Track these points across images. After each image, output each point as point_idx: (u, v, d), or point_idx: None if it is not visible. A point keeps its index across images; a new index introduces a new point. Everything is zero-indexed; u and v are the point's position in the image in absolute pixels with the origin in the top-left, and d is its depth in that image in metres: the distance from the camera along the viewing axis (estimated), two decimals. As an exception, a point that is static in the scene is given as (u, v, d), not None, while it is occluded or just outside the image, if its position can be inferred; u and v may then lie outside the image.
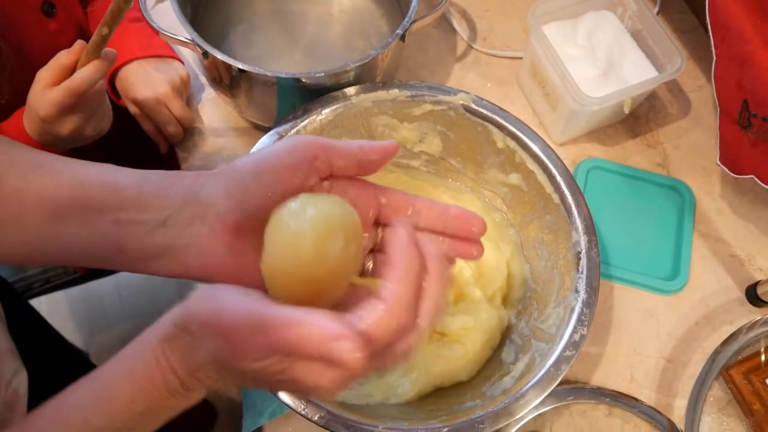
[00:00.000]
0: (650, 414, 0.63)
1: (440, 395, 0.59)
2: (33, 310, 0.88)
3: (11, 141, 0.43)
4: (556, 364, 0.53)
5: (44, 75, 0.58)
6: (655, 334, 0.67)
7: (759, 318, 0.63)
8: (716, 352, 0.62)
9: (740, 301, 0.69)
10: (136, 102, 0.71)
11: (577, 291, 0.57)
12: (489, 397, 0.55)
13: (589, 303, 0.56)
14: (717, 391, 0.65)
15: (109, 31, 0.54)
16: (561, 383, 0.60)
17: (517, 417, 0.52)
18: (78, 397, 0.35)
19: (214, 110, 0.75)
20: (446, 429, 0.51)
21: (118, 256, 0.40)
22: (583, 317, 0.55)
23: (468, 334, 0.59)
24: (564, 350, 0.54)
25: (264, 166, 0.38)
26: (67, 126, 0.60)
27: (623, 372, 0.66)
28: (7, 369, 0.55)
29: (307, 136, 0.40)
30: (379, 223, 0.43)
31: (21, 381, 0.56)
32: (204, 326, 0.33)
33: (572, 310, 0.56)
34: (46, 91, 0.58)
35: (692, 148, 0.77)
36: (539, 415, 0.61)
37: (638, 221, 0.72)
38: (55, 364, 0.79)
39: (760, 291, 0.67)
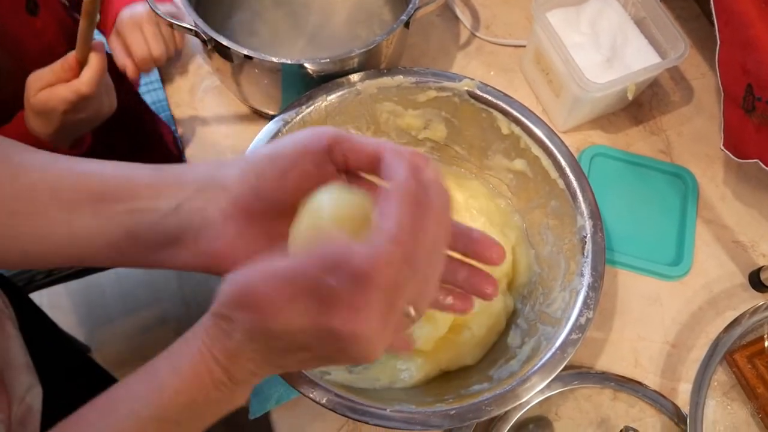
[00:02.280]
0: (655, 398, 0.63)
1: (447, 379, 0.59)
2: (37, 309, 0.88)
3: (26, 146, 0.43)
4: (563, 347, 0.54)
5: (46, 75, 0.60)
6: (660, 320, 0.68)
7: (762, 303, 0.63)
8: (719, 337, 0.63)
9: (743, 287, 0.70)
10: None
11: (582, 275, 0.57)
12: (496, 380, 0.56)
13: (595, 287, 0.56)
14: (721, 376, 0.65)
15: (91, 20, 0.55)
16: (566, 368, 0.60)
17: (523, 400, 0.52)
18: (127, 389, 0.36)
19: (218, 98, 0.75)
20: (453, 411, 0.51)
21: (130, 245, 0.40)
22: (588, 300, 0.56)
23: (474, 318, 0.59)
24: (570, 333, 0.54)
25: (279, 152, 0.38)
26: (88, 109, 0.62)
27: (628, 357, 0.66)
28: (22, 384, 0.56)
29: (324, 126, 0.39)
30: None
31: (35, 396, 0.57)
32: (234, 305, 0.33)
33: (578, 293, 0.56)
34: (55, 89, 0.59)
35: (695, 135, 0.77)
36: (545, 399, 0.61)
37: (642, 208, 0.72)
38: (63, 370, 0.79)
39: (763, 276, 0.68)
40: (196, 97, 0.75)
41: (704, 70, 0.81)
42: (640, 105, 0.78)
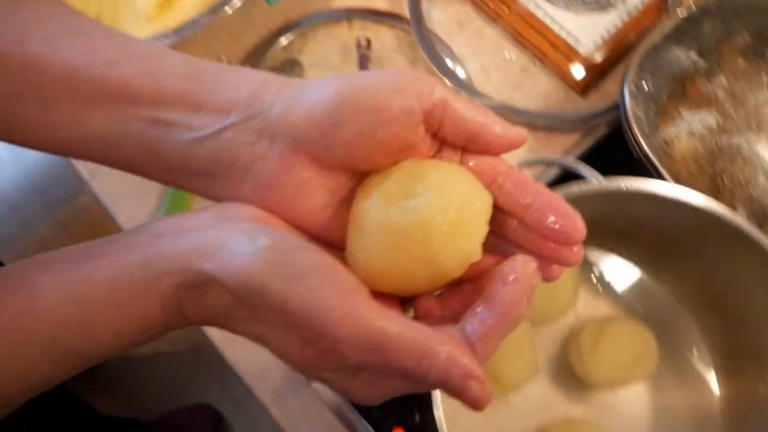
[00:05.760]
0: (385, 18, 0.71)
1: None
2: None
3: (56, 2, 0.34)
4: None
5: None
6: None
7: None
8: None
9: None
10: None
11: None
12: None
13: None
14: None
15: None
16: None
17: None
18: (51, 310, 0.28)
19: None
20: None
21: (152, 164, 0.32)
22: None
23: None
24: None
25: (367, 102, 0.29)
26: None
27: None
28: None
29: (428, 78, 0.30)
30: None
31: None
32: (281, 314, 0.26)
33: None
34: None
35: None
36: (289, 44, 0.70)
37: None
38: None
39: None
40: None
41: None
42: None
